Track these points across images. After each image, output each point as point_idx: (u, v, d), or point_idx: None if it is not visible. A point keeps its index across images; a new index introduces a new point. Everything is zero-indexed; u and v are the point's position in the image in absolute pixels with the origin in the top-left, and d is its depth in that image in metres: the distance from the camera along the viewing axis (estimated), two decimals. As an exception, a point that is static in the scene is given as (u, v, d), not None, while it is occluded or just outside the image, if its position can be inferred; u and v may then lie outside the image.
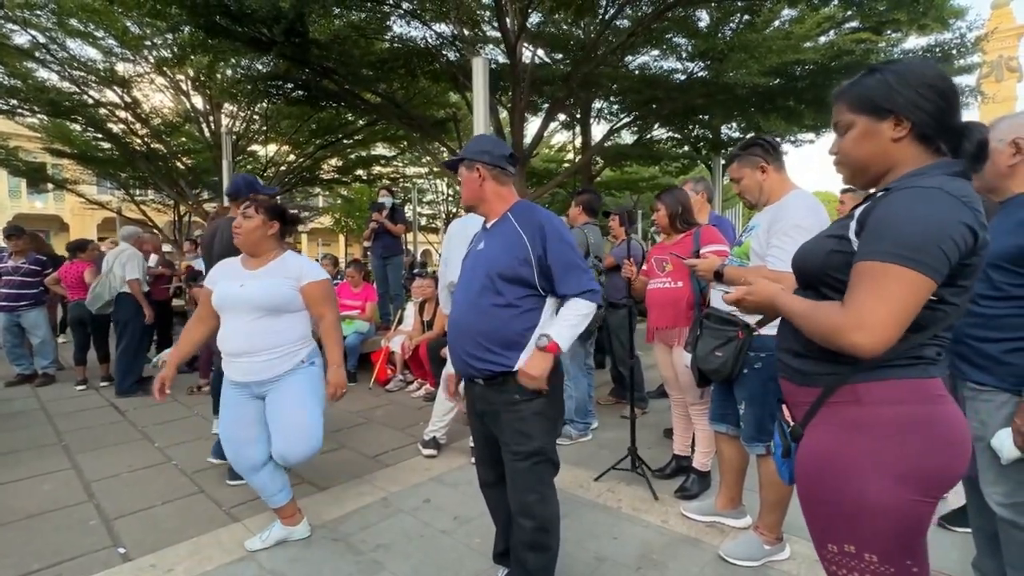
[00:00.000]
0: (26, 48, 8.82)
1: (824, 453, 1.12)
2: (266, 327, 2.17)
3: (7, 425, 4.05)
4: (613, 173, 15.33)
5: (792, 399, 1.25)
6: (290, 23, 5.95)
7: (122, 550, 2.34)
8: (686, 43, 8.34)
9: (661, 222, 2.90)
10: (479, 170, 1.77)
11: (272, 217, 2.28)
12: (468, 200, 1.84)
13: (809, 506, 1.19)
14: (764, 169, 2.10)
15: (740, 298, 1.30)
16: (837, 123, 1.18)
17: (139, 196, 14.14)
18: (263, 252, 2.29)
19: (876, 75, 1.12)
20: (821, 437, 1.14)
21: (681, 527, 2.46)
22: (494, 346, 1.68)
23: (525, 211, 1.77)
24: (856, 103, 1.14)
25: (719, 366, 2.09)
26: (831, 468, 1.10)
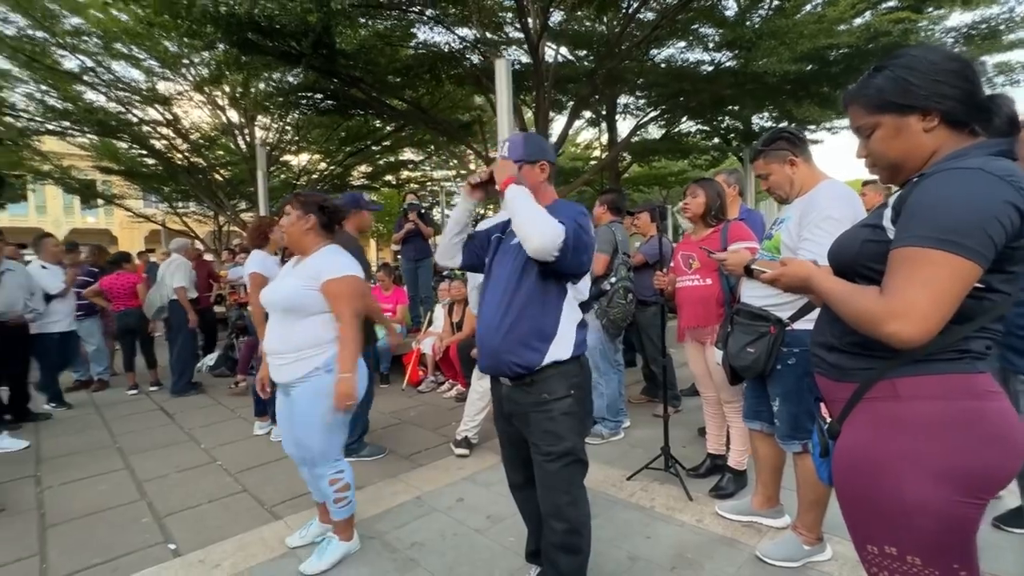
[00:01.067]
0: (76, 72, 9.34)
1: (860, 451, 1.09)
2: (288, 328, 2.12)
3: (66, 429, 4.30)
4: (641, 169, 15.13)
5: (829, 395, 1.22)
6: (317, 36, 6.12)
7: (172, 546, 2.46)
8: (713, 33, 8.17)
9: (695, 211, 2.75)
10: (544, 165, 1.79)
11: (307, 211, 2.18)
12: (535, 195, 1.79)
13: (847, 505, 1.16)
14: (793, 162, 2.04)
15: (775, 278, 1.26)
16: (859, 127, 1.14)
17: (181, 208, 14.77)
18: (309, 248, 2.20)
19: (885, 72, 1.07)
20: (857, 434, 1.10)
21: (717, 527, 2.42)
22: (524, 337, 1.65)
23: (565, 204, 1.77)
24: (874, 104, 1.09)
25: (751, 362, 2.05)
26: (867, 466, 1.07)
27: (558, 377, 1.68)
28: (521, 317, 1.67)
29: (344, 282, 2.11)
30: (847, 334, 1.10)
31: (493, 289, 1.77)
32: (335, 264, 2.14)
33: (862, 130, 1.14)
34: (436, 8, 7.12)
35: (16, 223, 23.15)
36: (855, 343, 1.09)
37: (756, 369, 2.04)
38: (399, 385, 5.31)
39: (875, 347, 1.03)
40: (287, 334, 2.11)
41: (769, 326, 2.02)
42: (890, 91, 1.06)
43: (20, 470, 3.41)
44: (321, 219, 2.21)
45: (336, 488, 2.19)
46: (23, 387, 4.52)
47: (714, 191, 2.76)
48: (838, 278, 1.13)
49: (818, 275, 1.15)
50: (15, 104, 9.81)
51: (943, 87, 1.02)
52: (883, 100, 1.07)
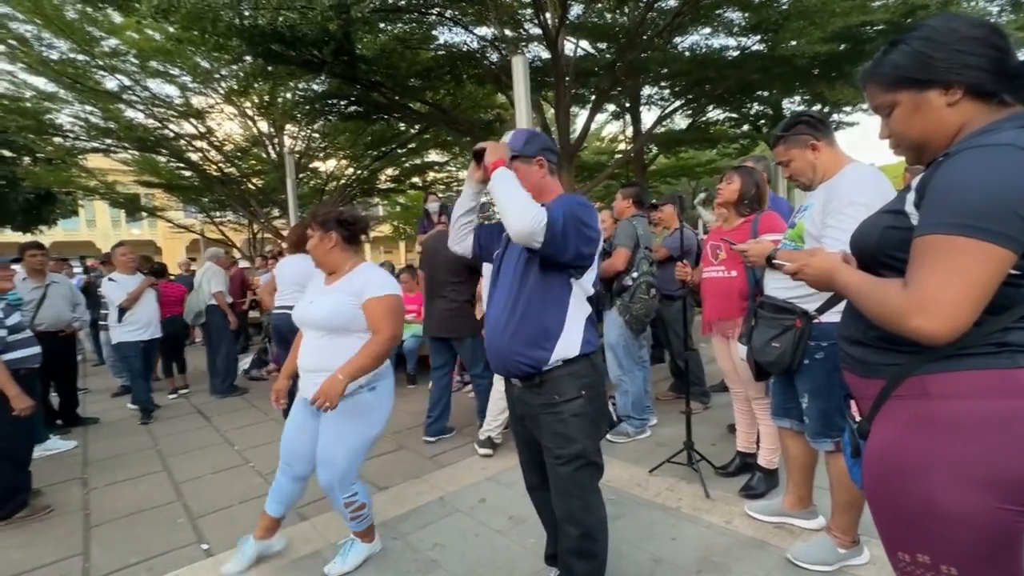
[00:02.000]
0: (115, 92, 9.79)
1: (888, 452, 1.02)
2: (331, 346, 2.06)
3: (111, 432, 4.51)
4: (668, 160, 14.85)
5: (857, 392, 1.15)
6: (338, 43, 6.22)
7: (205, 546, 2.54)
8: (738, 17, 7.91)
9: (728, 197, 2.63)
10: (542, 161, 1.75)
11: (327, 229, 2.15)
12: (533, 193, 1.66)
13: (876, 509, 1.09)
14: (815, 147, 1.94)
15: (797, 270, 1.20)
16: (877, 106, 1.06)
17: (218, 218, 15.30)
18: (337, 267, 2.18)
19: (901, 47, 1.00)
20: (885, 434, 1.03)
21: (746, 528, 2.33)
22: (530, 336, 1.62)
23: (567, 196, 1.73)
24: (889, 81, 1.02)
25: (777, 358, 1.96)
26: (896, 469, 1.00)
27: (568, 377, 1.64)
28: (525, 315, 1.63)
29: (385, 300, 2.07)
30: (871, 328, 1.03)
31: (500, 288, 1.75)
32: (376, 283, 2.10)
33: (881, 109, 1.07)
34: (454, 9, 7.14)
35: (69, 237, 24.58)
36: (880, 337, 1.03)
37: (782, 364, 1.95)
38: (425, 385, 5.35)
39: (901, 342, 0.96)
40: (329, 352, 2.05)
41: (795, 319, 1.93)
42: (906, 66, 0.99)
43: (69, 472, 3.59)
44: (343, 234, 2.17)
45: (352, 509, 2.16)
46: (72, 393, 4.76)
47: (752, 179, 2.62)
48: (860, 271, 1.06)
49: (841, 269, 1.09)
50: (63, 125, 10.35)
51: (965, 57, 0.94)
52: (899, 76, 1.00)
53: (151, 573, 2.33)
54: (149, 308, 4.93)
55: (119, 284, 4.74)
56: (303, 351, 2.16)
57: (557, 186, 1.80)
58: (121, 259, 4.89)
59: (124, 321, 4.72)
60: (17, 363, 2.96)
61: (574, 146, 8.75)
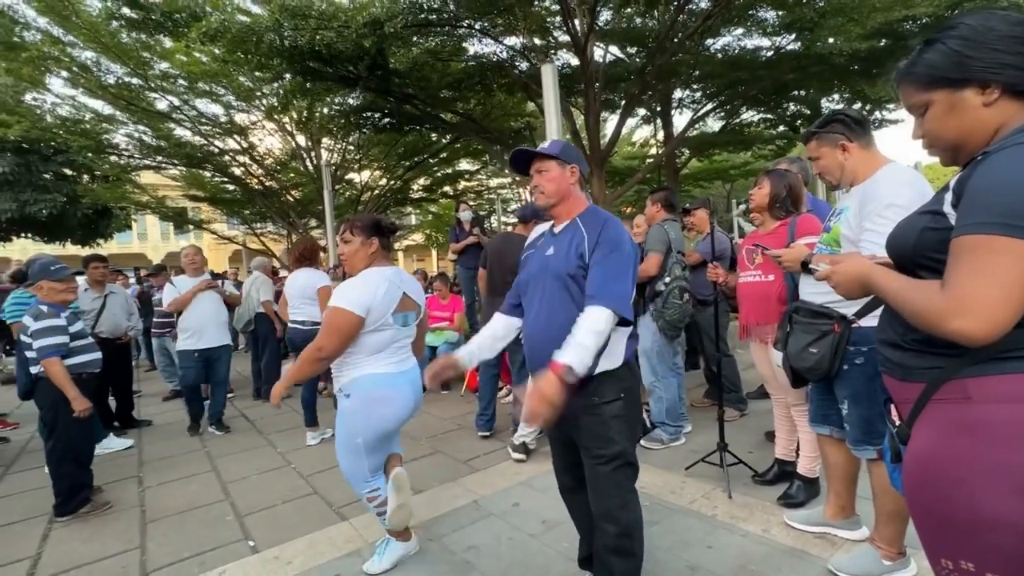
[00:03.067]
0: (166, 112, 10.37)
1: (929, 457, 1.00)
2: None
3: (164, 434, 4.74)
4: (701, 163, 14.60)
5: (897, 396, 1.13)
6: (372, 58, 6.44)
7: (251, 543, 2.65)
8: (772, 16, 7.76)
9: (759, 202, 2.61)
10: (574, 170, 1.80)
11: (370, 235, 2.21)
12: (554, 194, 1.77)
13: (918, 516, 1.07)
14: (845, 148, 1.91)
15: (828, 275, 1.19)
16: (911, 106, 1.06)
17: (259, 229, 15.92)
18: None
19: (936, 46, 0.99)
20: (926, 439, 1.01)
21: (785, 538, 2.28)
22: None
23: (592, 213, 1.78)
24: (924, 82, 1.01)
25: (814, 363, 1.91)
26: (937, 475, 0.98)
27: (608, 381, 1.67)
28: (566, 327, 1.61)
29: (330, 313, 2.08)
30: (909, 331, 1.02)
31: (538, 295, 1.77)
32: (343, 292, 2.11)
33: (914, 109, 1.06)
34: (484, 21, 7.27)
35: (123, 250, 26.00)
36: (919, 340, 1.01)
37: (820, 370, 1.91)
38: (458, 391, 5.42)
39: (941, 344, 0.95)
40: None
41: (832, 324, 1.88)
42: (942, 65, 0.98)
43: (125, 471, 3.80)
44: (383, 241, 2.25)
45: (375, 504, 2.25)
46: (128, 397, 5.04)
47: (783, 182, 2.58)
48: (896, 273, 1.05)
49: (875, 272, 1.08)
50: (118, 144, 11.03)
51: (1003, 56, 0.92)
52: (934, 75, 0.99)
53: (202, 567, 2.44)
54: (202, 313, 4.50)
55: (176, 287, 4.57)
56: None
57: (583, 198, 1.84)
58: (185, 260, 4.70)
59: (179, 328, 4.57)
60: (80, 368, 3.16)
61: (605, 151, 8.74)
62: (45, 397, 3.02)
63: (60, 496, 3.04)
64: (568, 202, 1.79)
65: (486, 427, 3.98)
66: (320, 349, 2.06)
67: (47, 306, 3.10)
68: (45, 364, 2.97)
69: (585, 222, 1.74)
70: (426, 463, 3.56)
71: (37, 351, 2.97)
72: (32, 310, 3.09)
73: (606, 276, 1.60)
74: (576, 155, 1.82)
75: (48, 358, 2.97)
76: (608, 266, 1.61)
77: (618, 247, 1.64)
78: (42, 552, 2.72)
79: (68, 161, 12.22)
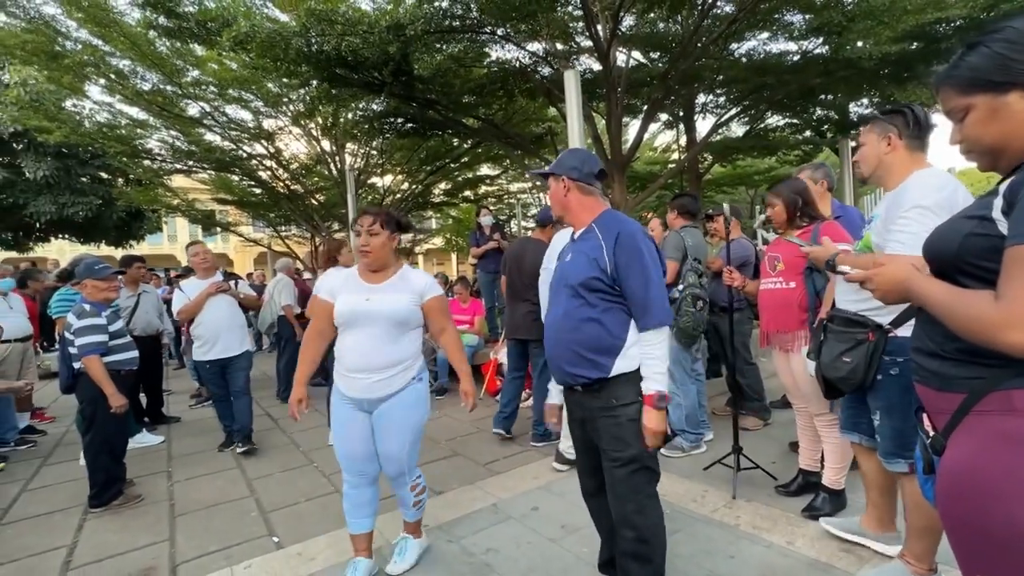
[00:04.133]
0: (197, 117, 10.68)
1: (968, 469, 0.98)
2: (388, 342, 2.10)
3: (192, 430, 4.88)
4: (724, 169, 14.40)
5: (931, 407, 1.11)
6: (397, 64, 6.54)
7: (275, 539, 2.71)
8: (799, 20, 7.64)
9: (778, 219, 2.61)
10: (564, 181, 1.81)
11: (395, 230, 2.22)
12: (555, 210, 1.91)
13: (952, 530, 1.05)
14: (890, 142, 1.83)
15: (866, 278, 1.17)
16: (950, 110, 1.04)
17: (283, 232, 16.24)
18: (388, 266, 2.22)
19: (980, 49, 0.97)
20: (964, 451, 1.00)
21: (809, 550, 2.24)
22: (588, 353, 1.70)
23: (608, 220, 1.78)
24: (966, 85, 0.99)
25: (848, 373, 1.87)
26: (975, 487, 0.96)
27: (625, 383, 1.68)
28: (582, 332, 1.70)
29: (443, 299, 2.31)
30: (950, 340, 1.00)
31: (556, 301, 1.82)
32: (433, 282, 2.28)
33: (954, 113, 1.04)
34: (507, 26, 7.32)
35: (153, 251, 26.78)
36: (961, 350, 0.99)
37: (854, 381, 1.87)
38: (477, 394, 5.44)
39: (985, 354, 0.93)
40: (385, 349, 2.10)
41: (867, 332, 1.84)
42: (985, 68, 0.96)
43: (156, 466, 3.92)
44: (402, 237, 2.35)
45: (416, 492, 2.31)
46: (159, 394, 5.19)
47: (790, 191, 2.58)
48: (939, 281, 1.03)
49: (917, 279, 1.05)
50: (152, 149, 11.39)
51: None
52: (976, 79, 0.97)
53: (228, 561, 2.51)
54: (215, 320, 4.00)
55: (185, 293, 4.04)
56: (349, 350, 2.12)
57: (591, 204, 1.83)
58: (195, 260, 4.14)
59: (192, 335, 4.11)
60: (118, 365, 3.28)
61: (626, 157, 8.70)
62: (85, 392, 3.14)
63: (95, 488, 3.16)
64: (572, 211, 1.84)
65: (502, 425, 3.98)
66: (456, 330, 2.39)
67: (90, 305, 3.22)
68: (85, 361, 3.09)
69: (601, 228, 1.76)
70: (446, 465, 3.59)
71: (78, 348, 3.09)
72: (76, 308, 3.21)
73: (641, 289, 1.66)
74: (570, 165, 1.82)
75: (88, 356, 3.09)
76: (638, 276, 1.66)
77: (638, 253, 1.67)
78: (78, 541, 2.82)
79: (104, 165, 12.69)
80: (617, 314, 1.70)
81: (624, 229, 1.71)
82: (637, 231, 1.72)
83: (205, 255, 4.15)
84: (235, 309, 4.16)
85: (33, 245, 15.03)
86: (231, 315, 4.11)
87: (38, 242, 15.04)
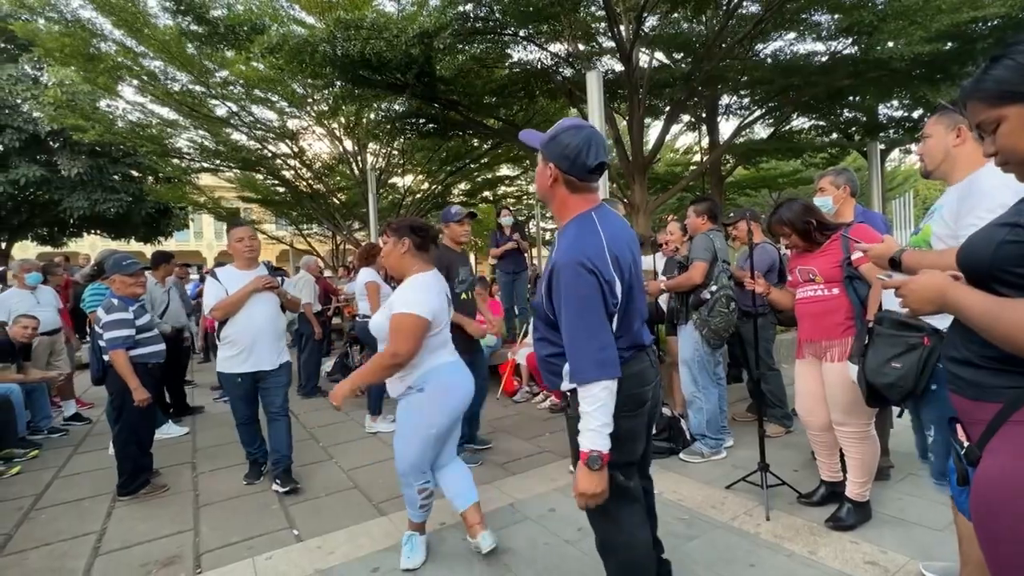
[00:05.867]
0: (225, 117, 10.93)
1: (1005, 480, 0.95)
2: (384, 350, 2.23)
3: (215, 423, 4.98)
4: (747, 171, 14.20)
5: (966, 416, 1.09)
6: (420, 66, 6.60)
7: (296, 532, 2.76)
8: (828, 20, 7.50)
9: (795, 243, 2.53)
10: (551, 168, 1.52)
11: (400, 235, 2.27)
12: (539, 192, 1.65)
13: (987, 545, 1.02)
14: (960, 133, 1.68)
15: (899, 284, 1.14)
16: (980, 123, 1.02)
17: (305, 230, 16.52)
18: (408, 271, 2.30)
19: (1004, 62, 0.96)
20: (1000, 462, 0.97)
21: (833, 560, 2.19)
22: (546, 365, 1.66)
23: (565, 235, 1.53)
24: (995, 98, 0.97)
25: (897, 379, 1.70)
26: (1011, 497, 0.94)
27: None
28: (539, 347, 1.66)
29: (397, 319, 2.13)
30: (986, 347, 0.98)
31: None
32: (402, 298, 2.18)
33: (985, 126, 1.02)
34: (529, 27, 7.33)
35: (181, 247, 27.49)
36: (996, 358, 0.97)
37: (903, 388, 1.70)
38: (494, 394, 5.46)
39: (1021, 363, 0.91)
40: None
41: (922, 336, 1.67)
42: (1013, 80, 0.94)
43: (180, 457, 4.02)
44: (415, 240, 2.29)
45: (423, 496, 2.34)
46: (181, 387, 5.32)
47: (793, 214, 2.49)
48: (978, 291, 1.00)
49: (955, 290, 1.03)
50: (181, 148, 11.69)
51: None
52: (1004, 91, 0.96)
53: (251, 552, 2.56)
54: (255, 322, 3.18)
55: (222, 283, 3.20)
56: None
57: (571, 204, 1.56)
58: (238, 246, 3.29)
59: (220, 338, 3.23)
60: (145, 358, 3.37)
61: (648, 158, 8.64)
62: (114, 384, 3.24)
63: (123, 476, 3.25)
64: (554, 205, 1.59)
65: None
66: (395, 355, 2.14)
67: (118, 299, 3.32)
68: (112, 355, 3.18)
69: (559, 241, 1.56)
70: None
71: (107, 342, 3.19)
72: (105, 302, 3.31)
73: (571, 342, 1.44)
74: (559, 152, 1.49)
75: (115, 350, 3.18)
76: (567, 325, 1.45)
77: (562, 291, 1.44)
78: (106, 528, 2.91)
79: (135, 163, 13.06)
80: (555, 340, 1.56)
81: (560, 260, 1.46)
82: (571, 263, 1.43)
83: (251, 241, 3.33)
84: (278, 312, 3.38)
85: (67, 240, 15.54)
86: (274, 318, 3.31)
87: (71, 237, 15.54)
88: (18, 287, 4.93)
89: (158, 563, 2.53)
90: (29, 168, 11.88)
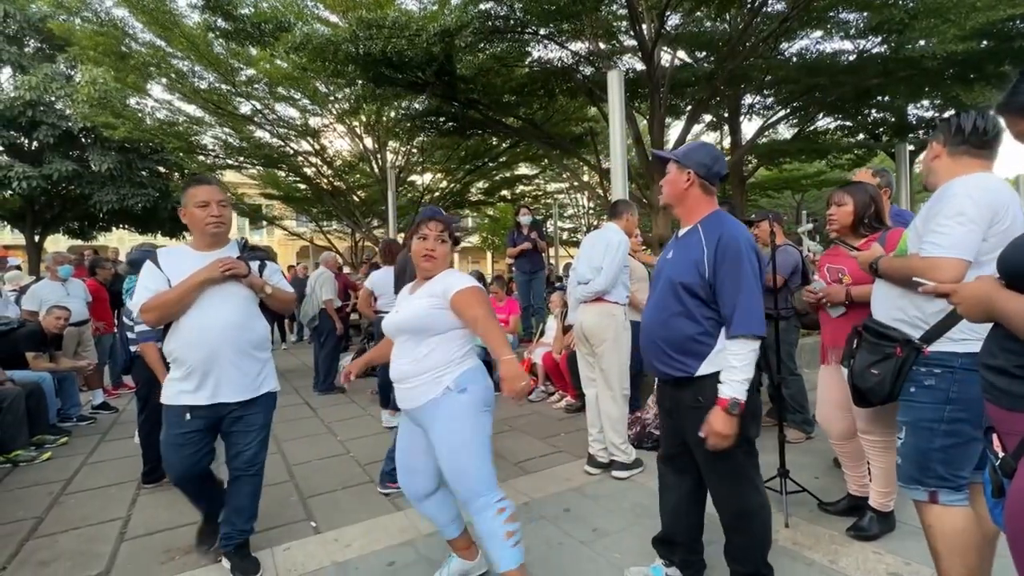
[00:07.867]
0: (248, 115, 11.14)
1: None
2: (412, 352, 1.95)
3: (236, 415, 5.08)
4: (769, 172, 13.97)
5: (1002, 427, 1.06)
6: (440, 64, 6.63)
7: (313, 524, 2.80)
8: (856, 18, 7.33)
9: (842, 220, 2.40)
10: (689, 174, 1.83)
11: (456, 241, 2.18)
12: (669, 198, 1.91)
13: (1020, 555, 0.99)
14: (934, 151, 1.79)
15: (950, 292, 1.14)
16: (1018, 134, 1.04)
17: (325, 227, 16.74)
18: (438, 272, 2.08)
19: None
20: None
21: (854, 570, 2.15)
22: (673, 352, 1.80)
23: (713, 222, 1.80)
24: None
25: (874, 385, 1.82)
26: None
27: (714, 385, 1.72)
28: (670, 331, 1.80)
29: (470, 290, 1.90)
30: (1021, 356, 0.95)
31: (653, 295, 1.95)
32: (457, 278, 1.98)
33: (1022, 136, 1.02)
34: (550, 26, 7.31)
35: (204, 242, 28.03)
36: None
37: (880, 393, 1.80)
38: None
39: None
40: (409, 359, 1.94)
41: (895, 347, 1.75)
42: None
43: (202, 447, 4.10)
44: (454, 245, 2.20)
45: (505, 519, 1.85)
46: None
47: (865, 196, 2.39)
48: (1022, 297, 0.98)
49: (1001, 296, 1.01)
50: (206, 145, 11.95)
51: None
52: None
53: (269, 543, 2.60)
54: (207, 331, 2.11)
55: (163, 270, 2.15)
56: (394, 361, 2.02)
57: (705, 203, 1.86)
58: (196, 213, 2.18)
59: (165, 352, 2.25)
60: (170, 349, 3.42)
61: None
62: (140, 374, 3.32)
63: (148, 465, 3.33)
64: (686, 205, 1.87)
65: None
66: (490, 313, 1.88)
67: (148, 292, 3.39)
68: (142, 347, 3.25)
69: (705, 229, 1.79)
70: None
71: (137, 335, 3.27)
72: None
73: (732, 295, 1.68)
74: (699, 160, 1.83)
75: (145, 342, 3.25)
76: (732, 282, 1.68)
77: (737, 259, 1.69)
78: (131, 514, 2.99)
79: (162, 160, 13.41)
80: (707, 318, 1.75)
81: (726, 232, 1.73)
82: (740, 235, 1.73)
83: (219, 208, 2.20)
84: (250, 313, 2.27)
85: (96, 234, 16.00)
86: (240, 323, 2.20)
87: (101, 231, 16.00)
88: (50, 279, 5.09)
89: (180, 550, 2.59)
90: (62, 163, 12.28)
